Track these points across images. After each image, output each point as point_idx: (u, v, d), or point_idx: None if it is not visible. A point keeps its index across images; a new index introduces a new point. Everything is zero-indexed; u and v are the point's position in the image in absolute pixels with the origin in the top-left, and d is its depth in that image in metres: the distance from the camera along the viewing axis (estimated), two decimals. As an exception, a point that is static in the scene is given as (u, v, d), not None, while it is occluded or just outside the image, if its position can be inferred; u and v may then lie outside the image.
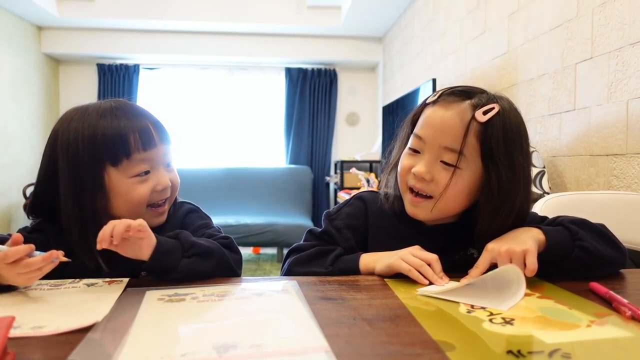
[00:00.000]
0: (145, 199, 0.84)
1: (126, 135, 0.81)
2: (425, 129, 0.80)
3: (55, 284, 0.72)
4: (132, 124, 0.82)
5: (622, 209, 1.26)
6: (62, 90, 5.02)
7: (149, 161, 0.83)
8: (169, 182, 0.86)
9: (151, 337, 0.51)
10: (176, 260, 0.74)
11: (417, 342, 0.49)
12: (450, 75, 3.04)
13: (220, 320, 0.56)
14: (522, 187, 0.78)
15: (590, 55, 1.69)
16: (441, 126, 0.78)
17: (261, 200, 4.79)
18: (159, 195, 0.85)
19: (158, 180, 0.84)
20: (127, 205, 0.83)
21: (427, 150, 0.80)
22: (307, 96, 5.20)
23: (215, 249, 0.79)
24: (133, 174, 0.82)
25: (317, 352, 0.46)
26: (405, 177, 0.83)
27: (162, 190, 0.85)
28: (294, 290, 0.68)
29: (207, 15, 4.44)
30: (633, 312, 0.57)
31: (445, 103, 0.79)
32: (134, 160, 0.81)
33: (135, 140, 0.81)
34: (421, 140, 0.80)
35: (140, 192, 0.83)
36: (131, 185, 0.82)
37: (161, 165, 0.85)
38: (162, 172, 0.85)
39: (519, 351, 0.47)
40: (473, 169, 0.78)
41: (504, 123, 0.76)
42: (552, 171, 1.95)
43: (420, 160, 0.80)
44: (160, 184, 0.84)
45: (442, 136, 0.78)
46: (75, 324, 0.53)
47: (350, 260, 0.82)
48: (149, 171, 0.84)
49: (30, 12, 4.17)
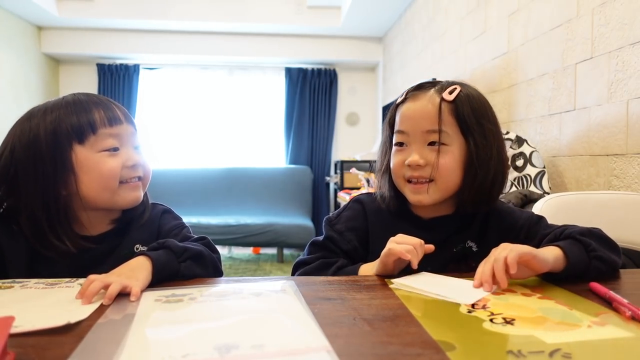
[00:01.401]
0: (117, 173, 0.83)
1: (91, 112, 0.83)
2: (405, 122, 0.87)
3: (51, 283, 0.72)
4: (96, 104, 0.84)
5: (622, 209, 1.26)
6: (62, 91, 5.02)
7: (116, 137, 0.84)
8: (139, 159, 0.86)
9: (151, 338, 0.51)
10: (174, 268, 0.75)
11: (417, 342, 0.49)
12: (451, 75, 3.04)
13: (220, 320, 0.56)
14: (495, 151, 0.86)
15: (590, 55, 1.69)
16: (418, 114, 0.86)
17: (261, 200, 4.80)
18: (129, 171, 0.85)
19: (128, 155, 0.85)
20: (98, 181, 0.82)
21: (412, 140, 0.86)
22: (307, 96, 5.20)
23: (204, 251, 0.81)
24: (101, 149, 0.82)
25: (319, 352, 0.46)
26: (400, 171, 0.87)
27: (132, 165, 0.85)
28: (292, 290, 0.68)
29: (207, 15, 4.44)
30: (633, 312, 0.57)
31: (414, 97, 0.88)
32: (101, 135, 0.82)
33: (101, 116, 0.83)
34: (404, 133, 0.87)
35: (111, 165, 0.82)
36: (100, 159, 0.82)
37: (130, 144, 0.86)
38: (132, 150, 0.86)
39: (519, 351, 0.47)
40: (457, 143, 0.85)
41: (468, 98, 0.86)
42: (552, 171, 1.95)
43: (409, 151, 0.86)
44: (131, 159, 0.85)
45: (421, 122, 0.85)
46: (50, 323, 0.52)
47: (351, 271, 0.85)
48: (117, 148, 0.84)
49: (30, 12, 4.17)
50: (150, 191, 0.94)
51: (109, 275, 0.68)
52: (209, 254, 0.82)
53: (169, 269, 0.74)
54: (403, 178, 0.87)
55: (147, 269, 0.71)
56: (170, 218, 0.94)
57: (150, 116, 5.12)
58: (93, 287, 0.63)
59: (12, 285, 0.71)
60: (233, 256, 4.58)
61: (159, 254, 0.75)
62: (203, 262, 0.80)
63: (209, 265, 0.81)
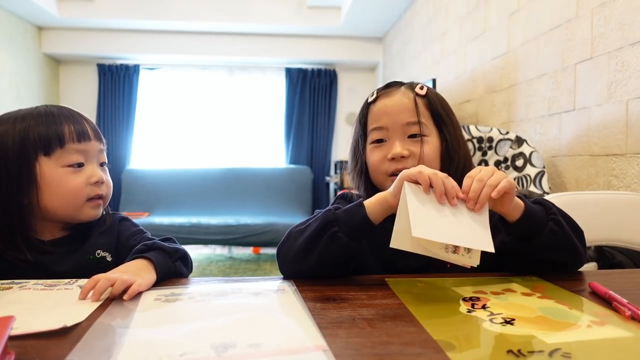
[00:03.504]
0: (80, 190, 0.84)
1: (61, 125, 0.84)
2: (382, 118, 0.89)
3: (50, 284, 0.72)
4: (66, 118, 0.85)
5: (622, 209, 1.26)
6: (63, 91, 5.03)
7: (82, 153, 0.85)
8: (102, 177, 0.87)
9: (149, 337, 0.51)
10: (170, 268, 0.77)
11: (417, 342, 0.49)
12: (450, 75, 3.05)
13: (217, 319, 0.56)
14: (462, 142, 0.92)
15: (590, 56, 1.69)
16: (395, 108, 0.89)
17: (261, 200, 4.79)
18: (92, 188, 0.86)
19: (92, 172, 0.86)
20: (62, 197, 0.83)
21: (392, 134, 0.88)
22: (307, 96, 5.20)
23: (186, 252, 0.85)
24: (66, 164, 0.83)
25: (316, 351, 0.46)
26: (381, 167, 0.88)
27: (95, 183, 0.86)
28: (290, 289, 0.68)
29: (207, 15, 4.44)
30: (633, 312, 0.57)
31: (386, 94, 0.92)
32: (68, 150, 0.83)
33: (70, 131, 0.84)
34: (383, 129, 0.89)
35: (75, 182, 0.84)
36: (64, 175, 0.83)
37: (95, 161, 0.88)
38: (96, 167, 0.87)
39: (519, 351, 0.47)
40: (434, 135, 0.89)
41: (436, 95, 0.93)
42: (552, 171, 1.95)
43: (390, 146, 0.88)
44: (94, 176, 0.85)
45: (400, 115, 0.88)
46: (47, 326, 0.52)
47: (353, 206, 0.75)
48: (82, 164, 0.85)
49: (30, 13, 4.17)
50: (151, 192, 0.95)
51: (113, 272, 0.68)
52: (187, 253, 0.86)
53: (167, 272, 0.76)
54: (385, 174, 0.88)
55: (151, 270, 0.73)
56: (129, 225, 0.96)
57: (150, 116, 5.12)
58: (100, 286, 0.64)
59: (10, 287, 0.71)
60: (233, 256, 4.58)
61: (157, 256, 0.76)
62: (188, 262, 0.85)
63: (189, 264, 0.85)
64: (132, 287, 0.65)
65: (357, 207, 0.74)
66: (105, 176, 0.89)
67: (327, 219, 0.74)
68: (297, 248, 0.75)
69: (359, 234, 0.73)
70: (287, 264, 0.78)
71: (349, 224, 0.73)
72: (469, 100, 2.77)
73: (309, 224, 0.77)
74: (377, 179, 0.90)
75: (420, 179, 0.70)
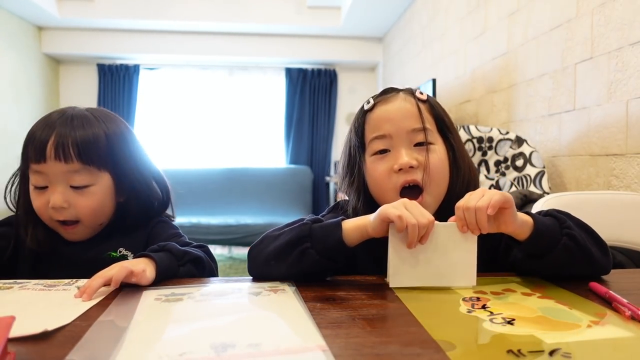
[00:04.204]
0: (43, 213, 0.82)
1: (27, 144, 0.82)
2: (385, 125, 0.81)
3: (50, 285, 0.72)
4: (43, 134, 0.81)
5: (622, 209, 1.26)
6: (63, 91, 5.03)
7: (42, 175, 0.81)
8: (61, 203, 0.80)
9: (149, 336, 0.51)
10: (174, 271, 0.76)
11: (417, 342, 0.49)
12: (450, 75, 3.04)
13: (217, 319, 0.56)
14: (465, 150, 0.86)
15: (590, 55, 1.69)
16: (399, 114, 0.81)
17: (261, 200, 4.79)
18: (55, 213, 0.82)
19: (50, 198, 0.81)
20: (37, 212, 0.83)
21: (396, 143, 0.80)
22: (307, 96, 5.20)
23: (203, 257, 0.82)
24: (32, 183, 0.83)
25: (315, 351, 0.46)
26: (387, 181, 0.80)
27: (53, 209, 0.81)
28: (290, 289, 0.68)
29: (207, 15, 4.44)
30: (633, 312, 0.57)
31: (385, 100, 0.84)
32: (31, 170, 0.82)
33: (32, 151, 0.81)
34: (386, 137, 0.81)
35: (37, 203, 0.82)
36: (33, 193, 0.83)
37: (59, 183, 0.81)
38: (59, 189, 0.81)
39: (519, 350, 0.47)
40: (440, 142, 0.82)
41: (435, 100, 0.87)
42: (551, 171, 1.95)
43: (396, 155, 0.80)
44: (51, 202, 0.80)
45: (404, 122, 0.80)
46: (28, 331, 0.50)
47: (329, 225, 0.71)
48: (44, 186, 0.82)
49: (30, 13, 4.17)
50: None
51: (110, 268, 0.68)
52: (208, 260, 0.84)
53: (169, 273, 0.75)
54: (394, 189, 0.79)
55: (152, 267, 0.72)
56: (166, 227, 0.94)
57: (151, 116, 5.12)
58: (94, 284, 0.64)
59: (11, 286, 0.71)
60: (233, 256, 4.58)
61: (161, 256, 0.75)
62: (201, 267, 0.81)
63: (206, 270, 0.82)
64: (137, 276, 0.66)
65: (334, 227, 0.70)
66: (77, 200, 0.82)
67: (301, 232, 0.71)
68: (267, 253, 0.73)
69: (331, 254, 0.70)
70: (256, 266, 0.75)
71: (322, 242, 0.70)
72: (469, 100, 2.77)
73: (283, 232, 0.73)
74: (382, 195, 0.81)
75: (397, 224, 0.65)
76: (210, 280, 0.76)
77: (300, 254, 0.70)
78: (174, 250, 0.78)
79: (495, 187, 1.97)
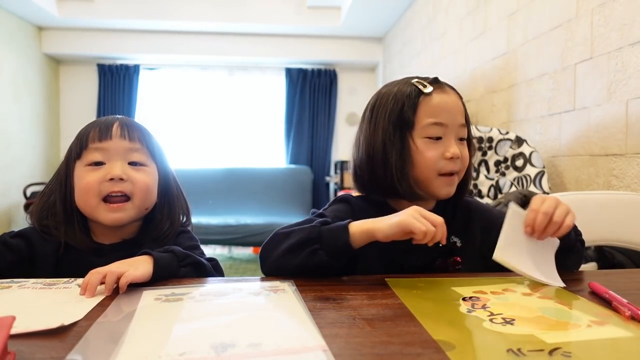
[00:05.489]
0: (93, 188, 0.84)
1: (91, 129, 0.88)
2: (444, 114, 0.85)
3: (49, 283, 0.72)
4: (107, 121, 0.89)
5: (622, 209, 1.26)
6: (63, 91, 5.03)
7: (103, 151, 0.86)
8: (121, 174, 0.85)
9: (149, 336, 0.51)
10: (174, 270, 0.77)
11: (417, 342, 0.49)
12: (451, 75, 3.05)
13: (217, 319, 0.56)
14: None
15: (590, 56, 1.69)
16: (454, 107, 0.86)
17: (261, 200, 4.79)
18: (110, 186, 0.84)
19: (110, 170, 0.85)
20: (79, 197, 0.86)
21: (448, 133, 0.85)
22: (307, 96, 5.20)
23: (205, 263, 0.83)
24: (87, 163, 0.86)
25: (315, 351, 0.46)
26: (435, 165, 0.84)
27: (111, 180, 0.84)
28: (290, 289, 0.68)
29: (207, 15, 4.44)
30: (633, 312, 0.57)
31: (441, 89, 0.88)
32: (89, 150, 0.86)
33: (95, 132, 0.87)
34: (442, 125, 0.84)
35: (88, 179, 0.84)
36: (83, 173, 0.85)
37: (119, 159, 0.86)
38: (118, 164, 0.86)
39: (519, 349, 0.47)
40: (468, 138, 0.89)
41: None
42: (551, 171, 1.95)
43: (446, 144, 0.84)
44: (111, 173, 0.84)
45: (458, 116, 0.86)
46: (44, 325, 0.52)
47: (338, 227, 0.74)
48: (102, 162, 0.86)
49: (30, 13, 4.17)
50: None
51: (107, 266, 0.69)
52: (210, 268, 0.84)
53: (169, 270, 0.75)
54: (437, 171, 0.84)
55: (149, 263, 0.73)
56: (186, 238, 0.95)
57: (151, 116, 5.12)
58: (93, 281, 0.65)
59: (10, 286, 0.71)
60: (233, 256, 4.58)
61: (162, 255, 0.76)
62: (203, 272, 0.82)
63: (207, 272, 0.83)
64: (121, 280, 0.66)
65: (341, 231, 0.74)
66: (134, 175, 0.86)
67: (311, 234, 0.74)
68: (278, 252, 0.77)
69: (339, 255, 0.74)
70: (268, 264, 0.79)
71: (330, 245, 0.73)
72: (469, 100, 2.77)
73: (293, 231, 0.77)
74: (424, 175, 0.84)
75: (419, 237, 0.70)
76: (210, 280, 0.76)
77: (310, 254, 0.74)
78: (177, 251, 0.79)
79: (495, 187, 1.97)
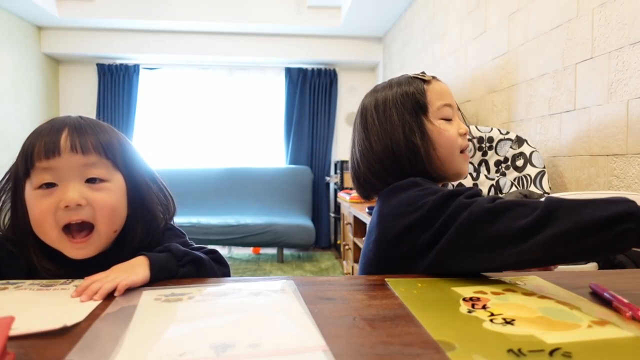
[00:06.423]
0: (47, 218, 0.71)
1: (36, 141, 0.73)
2: (447, 97, 0.94)
3: (46, 285, 0.71)
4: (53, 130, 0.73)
5: (622, 209, 1.26)
6: (62, 90, 5.03)
7: (52, 171, 0.72)
8: (77, 199, 0.71)
9: (148, 337, 0.51)
10: (173, 271, 0.75)
11: (417, 342, 0.49)
12: (450, 75, 3.05)
13: (217, 319, 0.56)
14: None
15: (590, 55, 1.69)
16: (450, 92, 0.96)
17: (261, 200, 4.80)
18: (66, 215, 0.72)
19: (63, 195, 0.71)
20: (36, 226, 0.73)
21: (454, 113, 0.95)
22: (307, 96, 5.20)
23: (205, 259, 0.79)
24: (36, 185, 0.72)
25: (316, 351, 0.46)
26: (456, 142, 0.92)
27: (65, 208, 0.71)
28: (291, 289, 0.68)
29: (207, 15, 4.45)
30: (633, 312, 0.57)
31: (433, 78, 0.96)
32: (37, 170, 0.72)
33: (40, 147, 0.72)
34: (451, 106, 0.94)
35: (41, 207, 0.71)
36: (33, 199, 0.72)
37: (73, 179, 0.73)
38: (72, 186, 0.72)
39: (519, 350, 0.47)
40: None
41: None
42: (552, 171, 1.95)
43: (458, 122, 0.94)
44: (64, 200, 0.70)
45: (454, 99, 0.96)
46: (46, 326, 0.51)
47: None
48: (53, 184, 0.72)
49: (30, 12, 4.17)
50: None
51: (106, 273, 0.68)
52: (210, 262, 0.80)
53: (167, 271, 0.74)
54: (458, 149, 0.92)
55: (146, 266, 0.72)
56: (172, 235, 0.89)
57: (151, 116, 5.12)
58: (91, 289, 0.64)
59: (6, 287, 0.70)
60: (233, 256, 4.58)
61: (159, 256, 0.75)
62: (203, 268, 0.78)
63: (208, 272, 0.79)
64: (119, 285, 0.65)
65: None
66: (92, 196, 0.73)
67: (628, 208, 0.60)
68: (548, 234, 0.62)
69: None
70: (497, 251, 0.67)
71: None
72: (469, 100, 2.77)
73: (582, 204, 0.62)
74: (449, 155, 0.91)
75: None
76: (210, 280, 0.76)
77: (618, 236, 0.59)
78: (175, 250, 0.77)
79: (495, 187, 1.97)
